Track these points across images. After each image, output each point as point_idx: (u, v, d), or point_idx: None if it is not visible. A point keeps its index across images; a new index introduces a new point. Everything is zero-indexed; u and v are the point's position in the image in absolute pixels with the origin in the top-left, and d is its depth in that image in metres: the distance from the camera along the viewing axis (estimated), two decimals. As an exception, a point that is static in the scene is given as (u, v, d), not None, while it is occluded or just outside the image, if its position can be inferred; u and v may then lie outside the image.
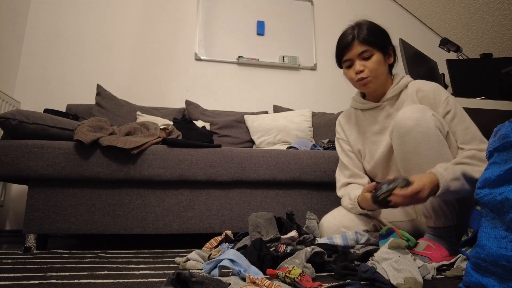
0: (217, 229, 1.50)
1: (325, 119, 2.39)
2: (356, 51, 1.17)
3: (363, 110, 1.32)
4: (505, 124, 0.65)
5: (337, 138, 1.41)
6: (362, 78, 1.18)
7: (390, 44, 1.22)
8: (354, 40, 1.17)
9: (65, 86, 2.40)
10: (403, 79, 1.24)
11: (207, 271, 0.85)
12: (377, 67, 1.17)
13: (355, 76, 1.19)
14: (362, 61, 1.17)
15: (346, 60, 1.21)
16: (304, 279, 0.72)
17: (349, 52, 1.19)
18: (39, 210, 1.38)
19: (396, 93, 1.22)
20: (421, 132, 1.01)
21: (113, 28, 2.57)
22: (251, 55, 2.75)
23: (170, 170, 1.47)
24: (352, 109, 1.37)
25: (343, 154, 1.37)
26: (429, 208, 1.03)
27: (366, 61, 1.17)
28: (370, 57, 1.17)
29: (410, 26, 3.12)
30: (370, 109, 1.29)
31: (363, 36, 1.16)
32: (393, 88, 1.23)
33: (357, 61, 1.18)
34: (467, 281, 0.66)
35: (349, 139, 1.36)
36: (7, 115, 1.34)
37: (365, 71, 1.17)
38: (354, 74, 1.19)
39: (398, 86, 1.22)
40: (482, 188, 0.66)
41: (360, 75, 1.18)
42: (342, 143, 1.38)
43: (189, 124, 1.88)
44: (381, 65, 1.18)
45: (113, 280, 0.82)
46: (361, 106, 1.31)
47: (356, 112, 1.35)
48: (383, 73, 1.20)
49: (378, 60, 1.17)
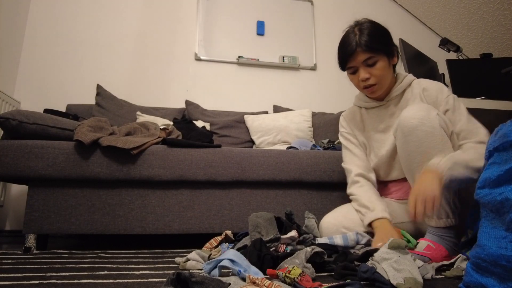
0: (217, 229, 1.50)
1: (325, 119, 2.39)
2: (360, 59, 1.14)
3: (367, 109, 1.32)
4: (506, 124, 0.65)
5: (342, 132, 1.39)
6: (369, 86, 1.17)
7: (393, 44, 1.20)
8: (357, 48, 1.13)
9: (65, 86, 2.40)
10: (406, 78, 1.24)
11: (207, 271, 0.85)
12: (383, 73, 1.15)
13: (361, 83, 1.18)
14: (367, 68, 1.15)
15: (350, 67, 1.19)
16: (304, 279, 0.72)
17: (352, 60, 1.16)
18: (39, 210, 1.38)
19: (399, 92, 1.23)
20: (425, 131, 1.01)
21: (113, 28, 2.57)
22: (251, 55, 2.75)
23: (170, 170, 1.47)
24: (356, 107, 1.38)
25: (351, 145, 1.34)
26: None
27: (371, 68, 1.15)
28: (375, 64, 1.14)
29: (410, 26, 3.12)
30: (375, 107, 1.29)
31: (365, 43, 1.12)
32: (397, 87, 1.23)
33: (361, 69, 1.16)
34: (467, 281, 0.66)
35: (355, 133, 1.36)
36: (7, 115, 1.34)
37: (371, 79, 1.15)
38: (360, 82, 1.18)
39: (401, 85, 1.23)
40: (482, 188, 0.66)
41: (366, 82, 1.16)
42: (348, 136, 1.37)
43: (189, 124, 1.88)
44: (386, 69, 1.16)
45: (113, 280, 0.82)
46: (365, 104, 1.32)
47: (360, 110, 1.36)
48: (388, 77, 1.19)
49: (383, 65, 1.15)
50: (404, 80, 1.23)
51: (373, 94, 1.21)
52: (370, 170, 1.30)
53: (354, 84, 1.23)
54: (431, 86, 1.20)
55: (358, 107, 1.37)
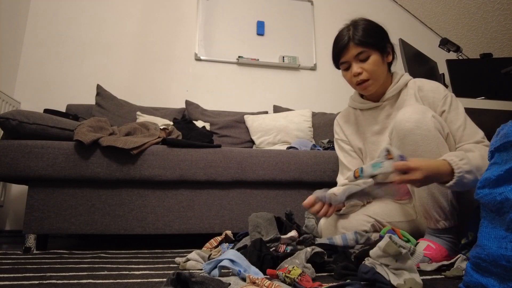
0: (217, 229, 1.50)
1: (325, 119, 2.39)
2: (352, 53, 1.14)
3: (362, 110, 1.30)
4: (508, 124, 0.65)
5: (336, 139, 1.38)
6: (362, 81, 1.16)
7: (388, 42, 1.19)
8: (350, 42, 1.14)
9: (65, 86, 2.40)
10: (403, 78, 1.22)
11: (207, 271, 0.85)
12: (375, 68, 1.14)
13: (353, 79, 1.17)
14: (359, 63, 1.14)
15: (343, 63, 1.18)
16: (304, 279, 0.72)
17: (345, 55, 1.16)
18: (39, 210, 1.38)
19: (396, 92, 1.21)
20: (420, 135, 1.00)
21: (113, 28, 2.57)
22: (251, 55, 2.75)
23: (170, 170, 1.47)
24: (351, 108, 1.35)
25: (343, 154, 1.34)
26: (428, 209, 1.02)
27: (363, 63, 1.14)
28: (367, 59, 1.14)
29: (410, 26, 3.12)
30: (370, 109, 1.27)
31: (358, 37, 1.12)
32: (392, 87, 1.21)
33: (354, 64, 1.15)
34: (467, 281, 0.66)
35: (349, 138, 1.34)
36: (7, 115, 1.34)
37: (363, 74, 1.15)
38: (353, 77, 1.17)
39: (397, 85, 1.21)
40: (482, 188, 0.66)
41: (358, 77, 1.15)
42: (342, 144, 1.36)
43: (189, 124, 1.88)
44: (379, 65, 1.15)
45: (113, 280, 0.82)
46: (360, 106, 1.29)
47: (355, 112, 1.33)
48: (382, 74, 1.18)
49: (376, 60, 1.14)
50: (400, 80, 1.22)
51: (366, 91, 1.19)
52: None
53: (347, 81, 1.22)
54: (427, 86, 1.18)
55: (352, 109, 1.34)
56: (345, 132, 1.35)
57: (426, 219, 1.06)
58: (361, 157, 1.32)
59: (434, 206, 1.01)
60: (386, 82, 1.22)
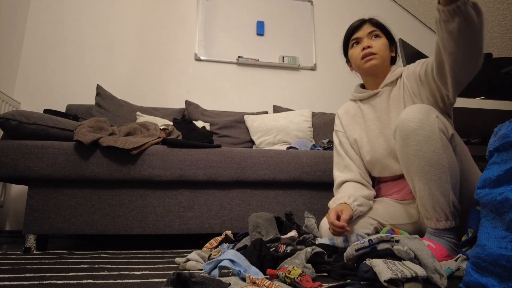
0: (217, 229, 1.50)
1: (325, 119, 2.39)
2: (366, 30, 1.26)
3: (363, 100, 1.34)
4: (505, 124, 0.65)
5: (336, 130, 1.40)
6: (369, 53, 1.23)
7: (394, 40, 1.30)
8: (366, 22, 1.27)
9: (65, 87, 2.40)
10: (399, 68, 1.29)
11: (207, 272, 0.85)
12: (384, 49, 1.24)
13: (361, 53, 1.25)
14: (371, 40, 1.25)
15: (354, 39, 1.28)
16: (304, 279, 0.72)
17: (359, 32, 1.27)
18: (39, 211, 1.38)
19: (393, 79, 1.26)
20: (423, 135, 1.00)
21: (113, 28, 2.57)
22: (251, 55, 2.75)
23: (170, 170, 1.47)
24: (352, 102, 1.39)
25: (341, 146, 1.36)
26: (429, 209, 1.02)
27: (374, 40, 1.25)
28: (378, 38, 1.25)
29: (410, 26, 3.12)
30: (370, 97, 1.31)
31: (374, 20, 1.27)
32: (390, 75, 1.28)
33: (365, 38, 1.26)
34: (467, 281, 0.66)
35: (345, 129, 1.36)
36: (7, 116, 1.34)
37: (373, 48, 1.24)
38: (361, 50, 1.25)
39: (394, 73, 1.27)
40: (482, 188, 0.66)
41: (368, 50, 1.23)
42: (340, 136, 1.37)
43: (189, 125, 1.88)
44: (386, 49, 1.25)
45: (113, 281, 0.82)
46: (360, 96, 1.33)
47: (355, 104, 1.37)
48: (387, 58, 1.26)
49: (385, 43, 1.25)
50: (396, 70, 1.28)
51: (370, 64, 1.24)
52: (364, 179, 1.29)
53: (353, 58, 1.29)
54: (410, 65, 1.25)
55: (353, 102, 1.38)
56: (343, 122, 1.38)
57: (427, 219, 1.06)
58: (356, 151, 1.33)
59: (435, 206, 1.01)
60: (387, 71, 1.29)
